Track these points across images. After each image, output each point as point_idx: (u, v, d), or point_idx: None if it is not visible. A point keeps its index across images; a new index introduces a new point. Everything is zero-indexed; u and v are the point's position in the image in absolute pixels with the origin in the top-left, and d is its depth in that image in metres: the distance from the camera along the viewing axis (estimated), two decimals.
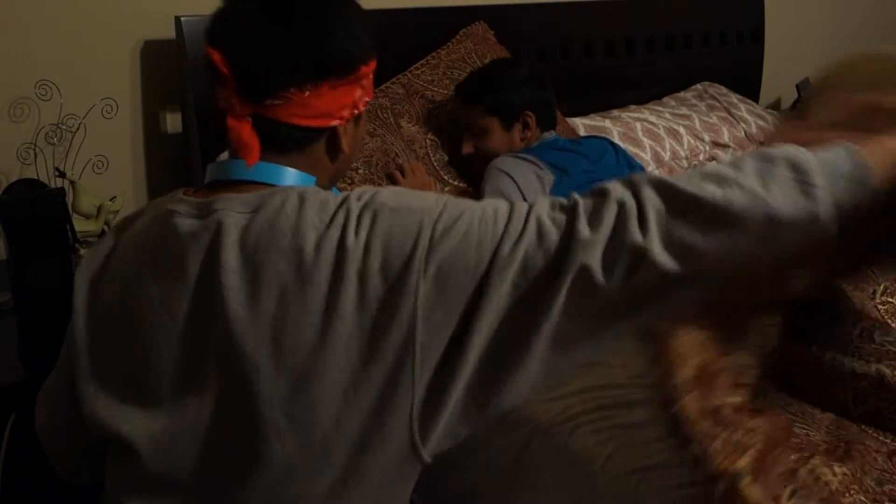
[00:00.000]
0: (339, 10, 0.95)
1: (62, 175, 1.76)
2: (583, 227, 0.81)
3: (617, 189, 0.84)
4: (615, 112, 2.47)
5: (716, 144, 2.50)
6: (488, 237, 0.84)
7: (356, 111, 0.97)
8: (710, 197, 0.80)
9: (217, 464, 0.88)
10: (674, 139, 2.38)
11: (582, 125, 2.31)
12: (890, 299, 1.35)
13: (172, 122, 2.04)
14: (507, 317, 0.83)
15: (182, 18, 1.85)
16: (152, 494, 0.90)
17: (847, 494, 1.05)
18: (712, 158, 2.48)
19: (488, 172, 1.78)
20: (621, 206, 0.82)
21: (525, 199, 1.59)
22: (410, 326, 0.82)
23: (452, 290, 0.83)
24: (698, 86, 2.84)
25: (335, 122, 0.95)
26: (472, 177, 1.93)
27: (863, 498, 1.05)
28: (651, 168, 2.26)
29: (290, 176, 0.93)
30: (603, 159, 1.91)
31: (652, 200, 0.81)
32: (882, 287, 1.36)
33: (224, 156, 0.99)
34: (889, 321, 1.29)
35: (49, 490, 1.42)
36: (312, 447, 0.85)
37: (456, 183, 1.85)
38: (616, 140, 2.18)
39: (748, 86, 3.05)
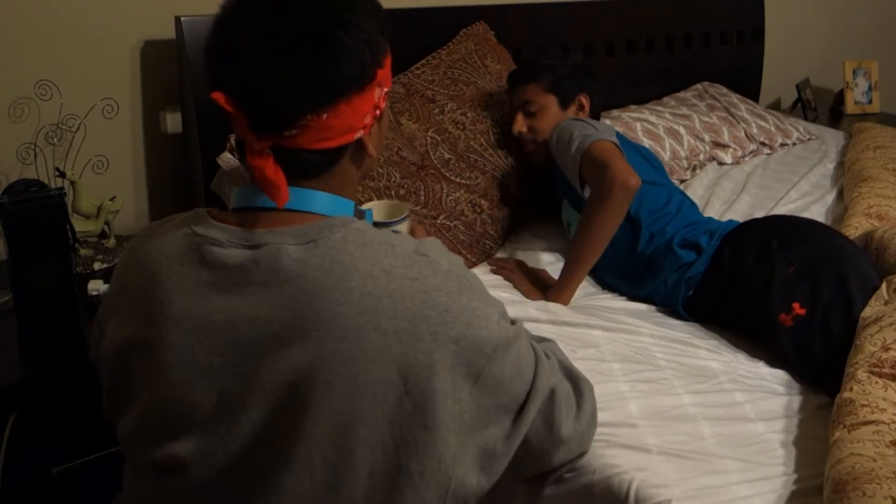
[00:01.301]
0: (341, 17, 0.86)
1: (62, 175, 1.76)
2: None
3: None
4: (615, 112, 2.47)
5: (716, 144, 2.50)
6: (527, 377, 0.94)
7: (377, 112, 0.92)
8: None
9: (240, 481, 0.86)
10: (674, 139, 2.38)
11: None
12: None
13: (172, 122, 2.04)
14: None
15: (182, 18, 1.85)
16: None
17: None
18: (712, 158, 2.48)
19: (559, 130, 1.74)
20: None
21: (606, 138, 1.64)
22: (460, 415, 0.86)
23: (499, 397, 0.91)
24: (698, 86, 2.84)
25: (359, 134, 0.90)
26: (492, 169, 1.94)
27: None
28: None
29: (323, 201, 0.89)
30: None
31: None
32: None
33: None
34: None
35: (49, 490, 1.42)
36: (339, 493, 0.84)
37: (458, 180, 1.84)
38: None
39: (748, 86, 3.05)
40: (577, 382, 1.03)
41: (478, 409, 0.88)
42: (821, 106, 3.34)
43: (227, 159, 1.82)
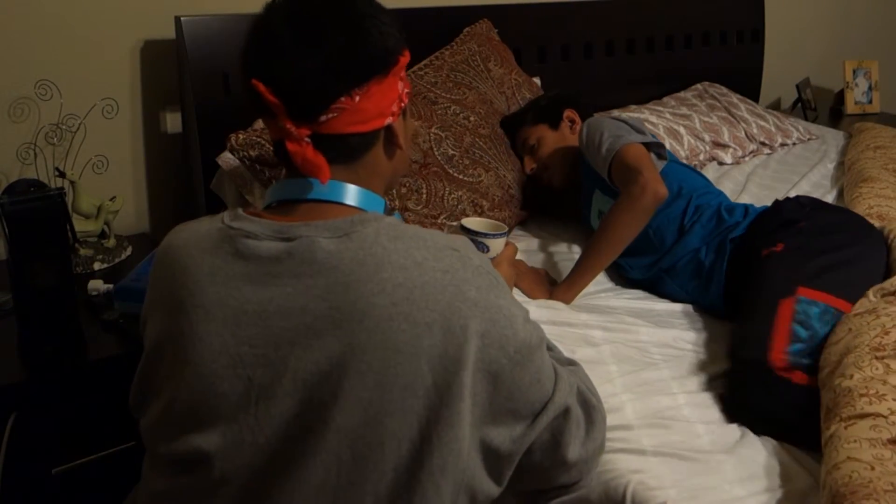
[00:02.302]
0: (365, 8, 0.94)
1: (62, 175, 1.76)
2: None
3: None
4: (615, 112, 2.47)
5: (716, 144, 2.50)
6: (546, 388, 0.95)
7: (402, 104, 0.98)
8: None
9: (265, 473, 0.87)
10: (674, 139, 2.38)
11: None
12: None
13: (172, 122, 2.04)
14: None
15: (182, 18, 1.85)
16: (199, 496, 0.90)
17: None
18: (712, 158, 2.48)
19: (588, 127, 1.78)
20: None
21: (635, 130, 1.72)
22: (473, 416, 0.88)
23: (515, 401, 0.92)
24: (698, 86, 2.84)
25: (389, 120, 0.96)
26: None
27: None
28: None
29: (352, 193, 0.94)
30: None
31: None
32: None
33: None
34: None
35: (49, 490, 1.42)
36: (364, 487, 0.85)
37: (461, 177, 1.84)
38: None
39: (748, 86, 3.06)
40: (590, 412, 1.03)
41: (490, 405, 0.89)
42: (821, 106, 3.34)
43: (227, 159, 1.82)
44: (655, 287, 1.70)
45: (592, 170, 1.77)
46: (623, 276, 1.76)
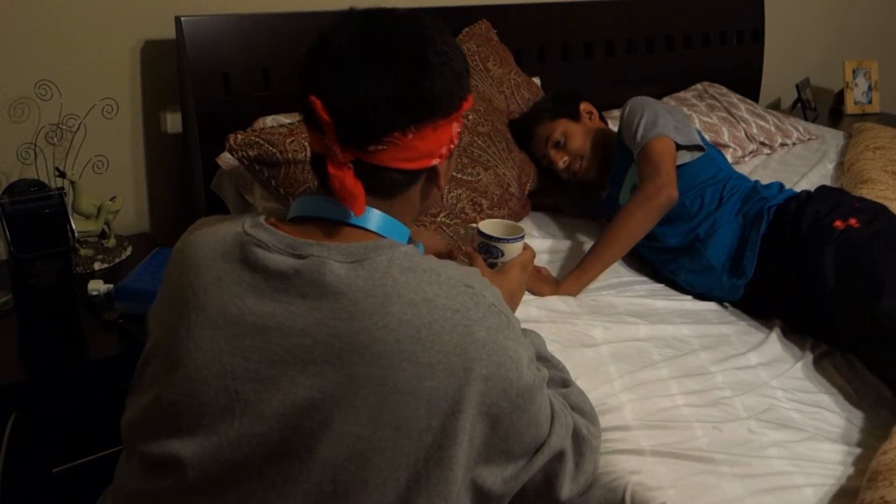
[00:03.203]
0: (436, 44, 0.89)
1: (62, 175, 1.76)
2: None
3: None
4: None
5: (716, 144, 2.50)
6: (542, 431, 0.94)
7: (452, 146, 0.95)
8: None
9: (240, 492, 0.85)
10: None
11: None
12: None
13: (172, 122, 2.04)
14: None
15: (182, 18, 1.85)
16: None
17: None
18: None
19: (631, 105, 1.82)
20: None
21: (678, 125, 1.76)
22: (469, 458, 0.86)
23: (511, 442, 0.91)
24: (698, 86, 2.84)
25: (435, 162, 0.92)
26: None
27: None
28: None
29: (380, 221, 0.91)
30: None
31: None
32: None
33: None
34: None
35: (49, 490, 1.42)
36: None
37: (460, 176, 1.84)
38: None
39: (748, 86, 3.06)
40: (580, 445, 1.02)
41: (485, 447, 0.87)
42: (821, 106, 3.34)
43: (227, 159, 1.82)
44: (680, 265, 1.70)
45: (626, 147, 1.81)
46: (653, 249, 1.76)
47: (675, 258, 1.72)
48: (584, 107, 2.02)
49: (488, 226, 1.35)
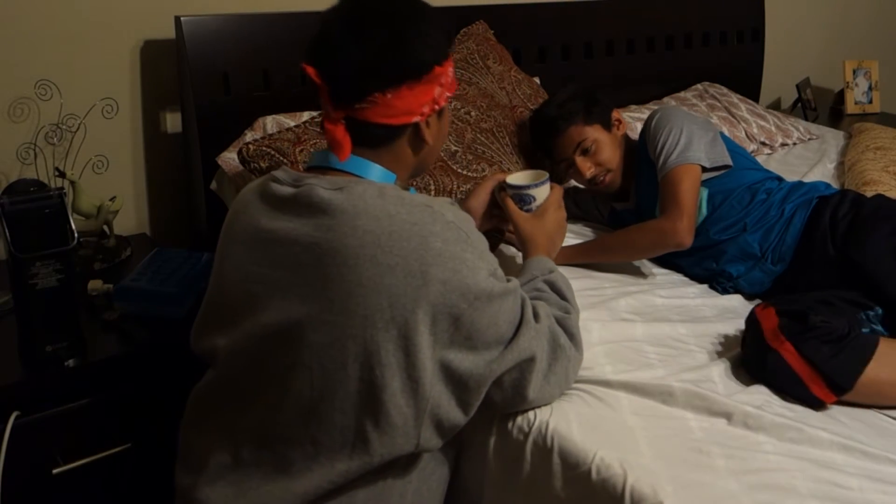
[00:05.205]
0: (410, 19, 1.09)
1: (62, 175, 1.76)
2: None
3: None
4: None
5: None
6: (502, 331, 1.10)
7: (437, 107, 1.13)
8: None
9: (258, 382, 1.07)
10: None
11: None
12: None
13: (172, 122, 2.04)
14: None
15: (182, 18, 1.85)
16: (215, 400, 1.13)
17: None
18: None
19: (659, 117, 1.77)
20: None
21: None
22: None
23: (473, 339, 1.07)
24: (698, 86, 2.84)
25: (416, 119, 1.11)
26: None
27: None
28: None
29: (374, 170, 1.11)
30: None
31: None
32: None
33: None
34: None
35: (49, 490, 1.42)
36: (333, 403, 1.01)
37: (465, 173, 1.84)
38: None
39: (748, 86, 3.06)
40: (555, 350, 1.17)
41: (450, 338, 1.03)
42: (821, 106, 3.34)
43: (227, 159, 1.82)
44: (722, 250, 1.70)
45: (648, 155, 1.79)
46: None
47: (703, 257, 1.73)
48: (616, 115, 1.91)
49: (515, 178, 1.48)
